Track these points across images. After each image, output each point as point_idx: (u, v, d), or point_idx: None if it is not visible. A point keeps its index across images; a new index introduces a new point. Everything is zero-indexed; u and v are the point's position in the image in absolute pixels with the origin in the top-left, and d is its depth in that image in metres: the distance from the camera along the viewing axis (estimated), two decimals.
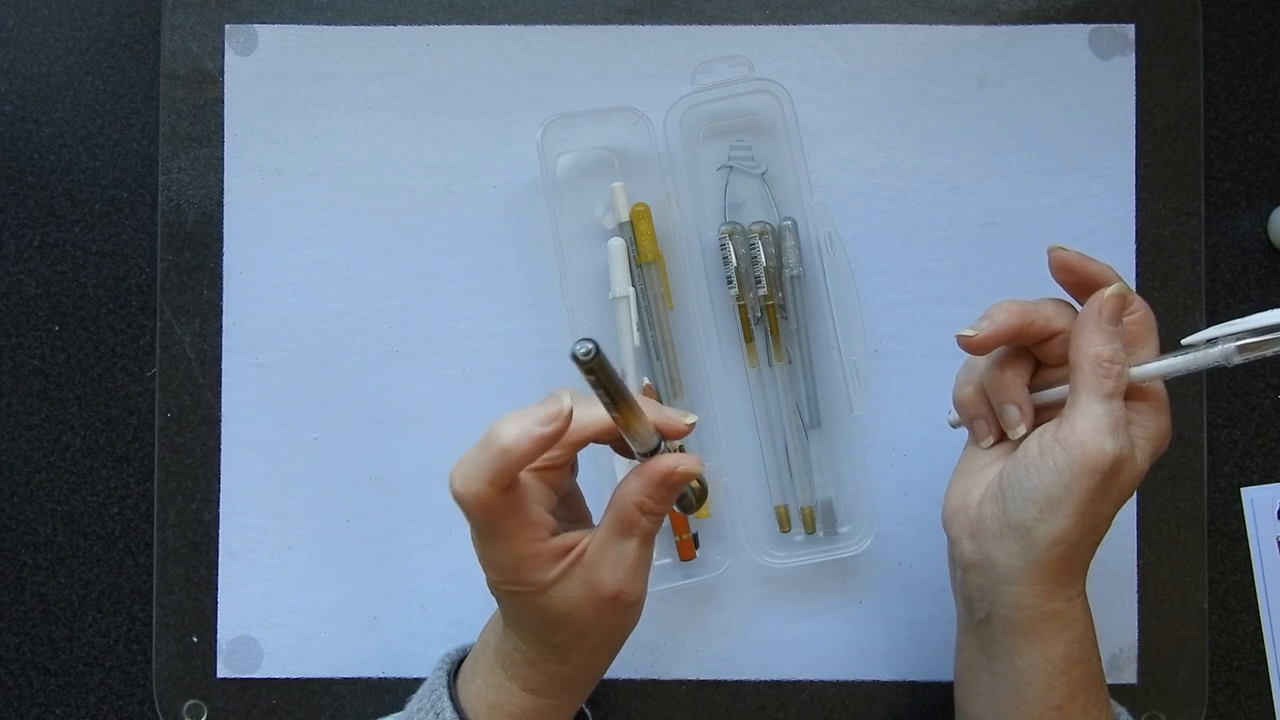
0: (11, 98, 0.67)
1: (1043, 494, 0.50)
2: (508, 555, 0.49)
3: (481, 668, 0.54)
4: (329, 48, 0.65)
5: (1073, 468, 0.49)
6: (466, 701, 0.54)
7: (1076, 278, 0.52)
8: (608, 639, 0.53)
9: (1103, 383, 0.49)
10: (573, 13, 0.65)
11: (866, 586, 0.65)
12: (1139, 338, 0.52)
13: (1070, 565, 0.51)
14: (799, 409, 0.64)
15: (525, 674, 0.52)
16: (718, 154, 0.65)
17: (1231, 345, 0.50)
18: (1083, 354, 0.50)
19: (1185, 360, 0.51)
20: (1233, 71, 0.66)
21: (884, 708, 0.65)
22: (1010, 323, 0.52)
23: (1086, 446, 0.49)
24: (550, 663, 0.52)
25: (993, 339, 0.52)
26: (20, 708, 0.66)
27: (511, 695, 0.53)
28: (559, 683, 0.53)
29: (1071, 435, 0.49)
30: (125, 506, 0.66)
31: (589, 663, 0.53)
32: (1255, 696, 0.65)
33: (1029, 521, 0.50)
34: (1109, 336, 0.50)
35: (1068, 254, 0.52)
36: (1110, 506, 0.50)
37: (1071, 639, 0.51)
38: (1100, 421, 0.49)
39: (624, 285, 0.62)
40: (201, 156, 0.65)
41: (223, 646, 0.65)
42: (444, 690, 0.54)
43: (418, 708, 0.55)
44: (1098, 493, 0.49)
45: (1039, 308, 0.52)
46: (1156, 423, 0.52)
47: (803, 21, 0.65)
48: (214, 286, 0.65)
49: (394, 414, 0.65)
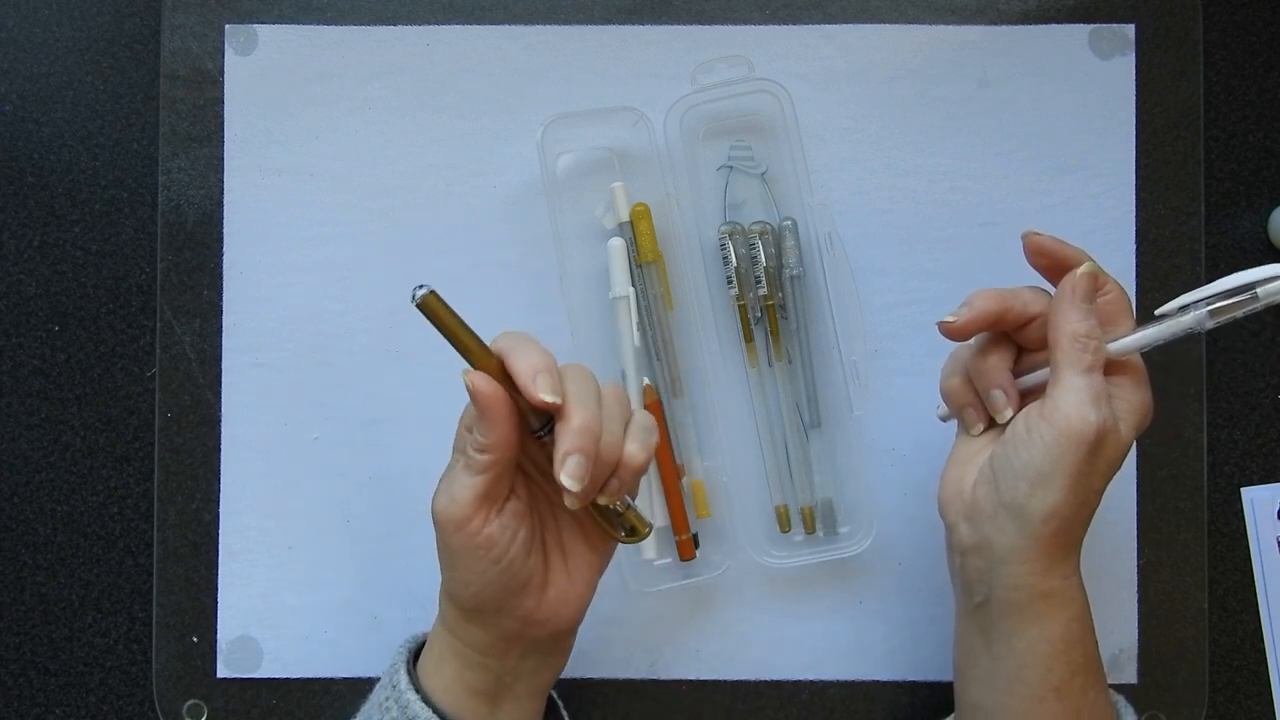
0: (11, 98, 0.67)
1: (1033, 469, 0.51)
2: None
3: (434, 641, 0.55)
4: (329, 48, 0.65)
5: (1059, 441, 0.50)
6: (425, 677, 0.55)
7: (1050, 260, 0.54)
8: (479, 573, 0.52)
9: (1081, 357, 0.51)
10: (573, 13, 0.65)
11: (866, 586, 0.65)
12: (1114, 317, 0.54)
13: (1064, 540, 0.52)
14: (799, 409, 0.64)
15: (463, 629, 0.53)
16: (718, 154, 0.65)
17: (1203, 310, 0.52)
18: (1060, 332, 0.52)
19: (1160, 330, 0.53)
20: (1233, 71, 0.66)
21: (884, 708, 0.65)
22: (989, 308, 0.54)
23: (1071, 419, 0.50)
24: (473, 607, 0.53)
25: (973, 324, 0.54)
26: (20, 708, 0.66)
27: (463, 659, 0.54)
28: (497, 636, 0.53)
29: (1056, 410, 0.51)
30: (125, 506, 0.66)
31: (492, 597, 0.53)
32: (1255, 696, 0.65)
33: (1021, 498, 0.51)
34: (1084, 314, 0.52)
35: (1041, 238, 0.54)
36: (1099, 479, 0.52)
37: (1069, 618, 0.52)
38: (1082, 395, 0.51)
39: (624, 285, 0.62)
40: (201, 156, 0.65)
41: (223, 646, 0.65)
42: (401, 666, 0.55)
43: (379, 685, 0.56)
44: (1085, 464, 0.50)
45: (1017, 294, 0.54)
46: (1138, 396, 0.53)
47: (803, 21, 0.65)
48: (214, 286, 0.65)
49: (394, 414, 0.65)
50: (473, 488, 0.50)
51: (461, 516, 0.50)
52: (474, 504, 0.50)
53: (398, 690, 0.54)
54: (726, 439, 0.63)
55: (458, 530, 0.50)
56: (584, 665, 0.64)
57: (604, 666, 0.65)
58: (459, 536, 0.51)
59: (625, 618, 0.64)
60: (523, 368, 0.49)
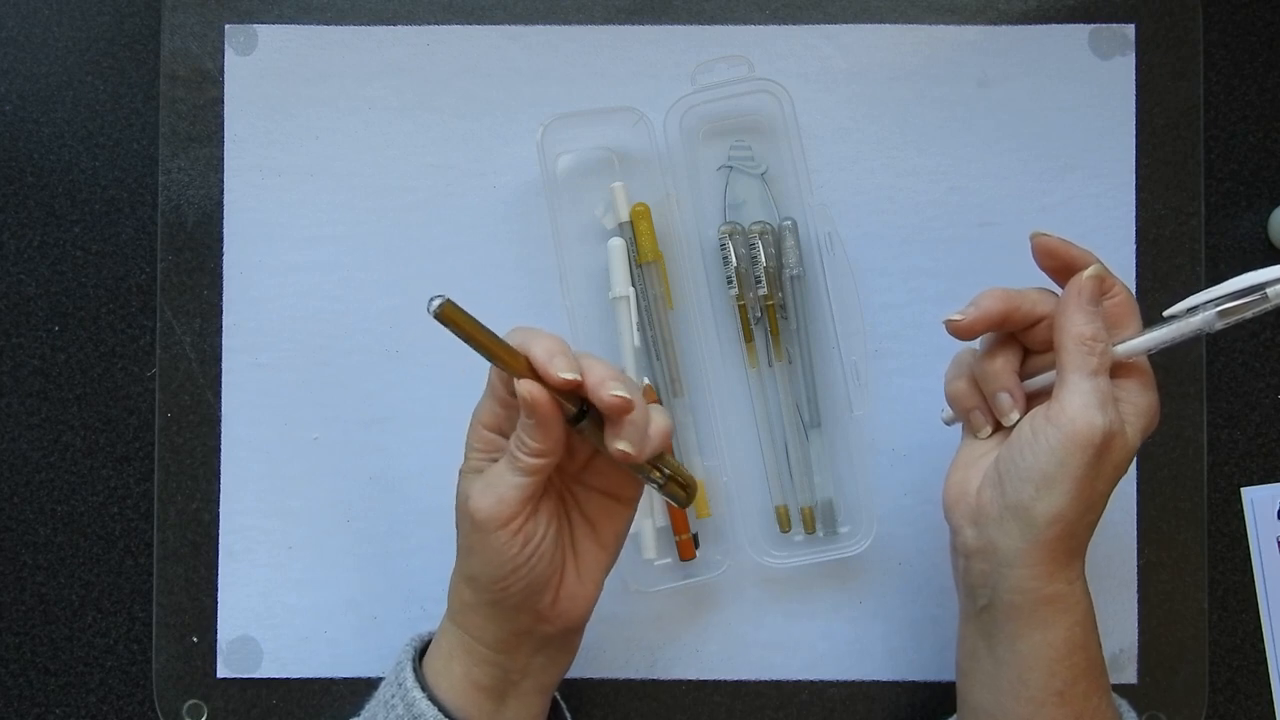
0: (11, 98, 0.67)
1: (1038, 472, 0.51)
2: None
3: (442, 638, 0.55)
4: (329, 48, 0.65)
5: (1065, 444, 0.50)
6: (432, 674, 0.55)
7: (1058, 262, 0.54)
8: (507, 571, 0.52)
9: (1087, 360, 0.51)
10: (573, 13, 0.65)
11: (866, 586, 0.65)
12: (1121, 319, 0.54)
13: (1069, 544, 0.52)
14: (799, 409, 0.64)
15: (477, 624, 0.53)
16: (718, 154, 0.65)
17: (1212, 311, 0.51)
18: (1066, 334, 0.52)
19: (1168, 331, 0.52)
20: (1233, 71, 0.66)
21: (884, 708, 0.65)
22: (996, 308, 0.54)
23: (1077, 422, 0.50)
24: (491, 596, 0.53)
25: (979, 323, 0.54)
26: (20, 708, 0.66)
27: (473, 655, 0.54)
28: (510, 631, 0.53)
29: (1062, 413, 0.51)
30: (125, 506, 0.66)
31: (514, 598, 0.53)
32: (1255, 696, 0.65)
33: (1027, 501, 0.51)
34: (1090, 316, 0.52)
35: (1050, 239, 0.54)
36: (1105, 483, 0.51)
37: (1073, 623, 0.52)
38: (1089, 398, 0.50)
39: (624, 285, 0.62)
40: (201, 156, 0.65)
41: (223, 646, 0.65)
42: (408, 663, 0.55)
43: (384, 683, 0.56)
44: (1091, 468, 0.50)
45: (1024, 294, 0.54)
46: (1145, 399, 0.53)
47: (803, 21, 0.65)
48: (214, 286, 0.65)
49: (394, 414, 0.65)
50: (521, 488, 0.50)
51: (508, 515, 0.50)
52: (521, 504, 0.50)
53: (404, 688, 0.54)
54: (726, 439, 0.63)
55: (501, 528, 0.50)
56: (584, 665, 0.64)
57: (604, 666, 0.65)
58: (501, 534, 0.51)
59: (625, 618, 0.64)
60: (539, 356, 0.49)
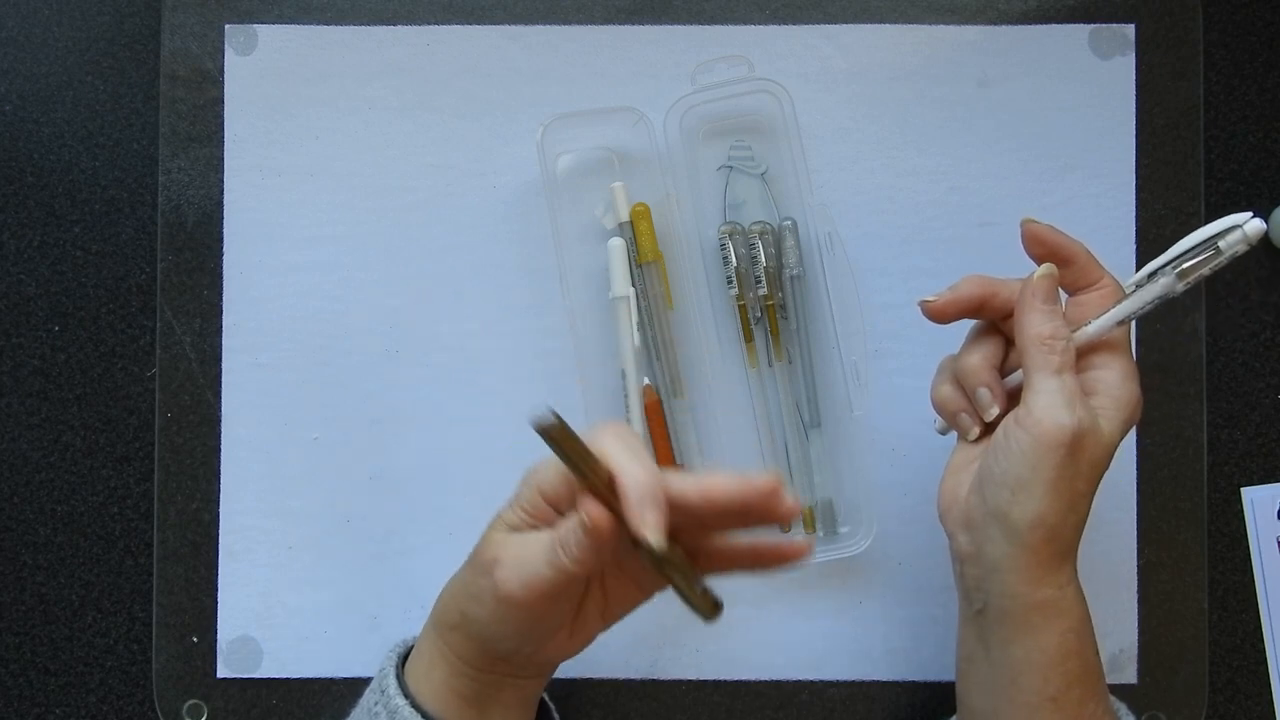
0: (11, 98, 0.67)
1: (1012, 477, 0.50)
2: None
3: (424, 645, 0.55)
4: (329, 48, 0.65)
5: (1035, 447, 0.50)
6: (414, 681, 0.54)
7: (1046, 250, 0.54)
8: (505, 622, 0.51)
9: (1049, 359, 0.51)
10: (573, 13, 0.65)
11: (866, 586, 0.65)
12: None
13: (1054, 547, 0.51)
14: (799, 409, 0.64)
15: (458, 643, 0.53)
16: (718, 154, 0.65)
17: (1170, 274, 0.51)
18: (1026, 336, 0.52)
19: (1131, 302, 0.52)
20: (1233, 71, 0.66)
21: (884, 708, 0.65)
22: (973, 292, 0.54)
23: (1044, 424, 0.50)
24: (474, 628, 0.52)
25: (952, 305, 0.54)
26: (20, 708, 0.66)
27: (451, 667, 0.53)
28: (489, 660, 0.52)
29: (1028, 415, 0.50)
30: (125, 506, 0.66)
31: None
32: (1255, 696, 0.65)
33: (1004, 506, 0.51)
34: (1046, 315, 0.52)
35: (1038, 226, 0.54)
36: (1084, 482, 0.51)
37: (1065, 629, 0.51)
38: (1054, 397, 0.50)
39: (624, 285, 0.62)
40: (201, 156, 0.65)
41: (223, 646, 0.65)
42: (390, 670, 0.55)
43: (368, 690, 0.56)
44: (1064, 468, 0.50)
45: (1004, 282, 0.54)
46: (1124, 391, 0.52)
47: (803, 21, 0.65)
48: (214, 286, 0.65)
49: (394, 414, 0.65)
50: (553, 583, 0.48)
51: (530, 600, 0.48)
52: (547, 596, 0.48)
53: (386, 695, 0.54)
54: (726, 439, 0.63)
55: (518, 607, 0.49)
56: (584, 665, 0.64)
57: (604, 666, 0.65)
58: (519, 609, 0.49)
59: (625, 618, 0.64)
60: (630, 494, 0.46)
